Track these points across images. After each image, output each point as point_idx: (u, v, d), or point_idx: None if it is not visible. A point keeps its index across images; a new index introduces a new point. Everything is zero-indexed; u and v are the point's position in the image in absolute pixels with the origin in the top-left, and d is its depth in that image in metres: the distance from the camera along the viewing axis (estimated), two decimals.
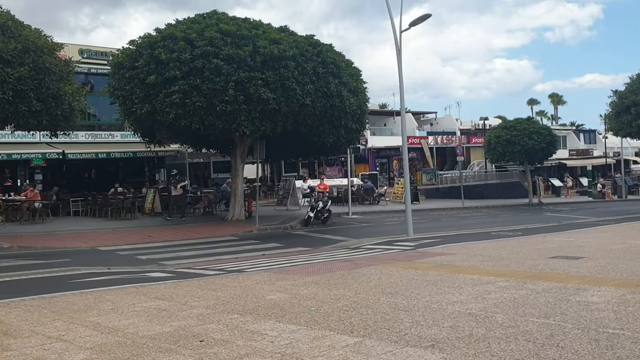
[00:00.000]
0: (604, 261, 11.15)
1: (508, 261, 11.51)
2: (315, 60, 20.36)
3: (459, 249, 13.81)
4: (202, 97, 18.98)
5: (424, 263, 11.52)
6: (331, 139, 22.07)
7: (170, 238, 18.45)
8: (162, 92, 19.37)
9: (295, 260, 13.28)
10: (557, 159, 55.84)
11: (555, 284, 8.62)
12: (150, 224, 22.11)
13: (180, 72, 19.10)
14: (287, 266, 11.88)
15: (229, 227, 21.06)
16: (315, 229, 21.23)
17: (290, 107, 19.87)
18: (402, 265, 11.25)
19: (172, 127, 20.21)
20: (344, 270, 10.73)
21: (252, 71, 19.26)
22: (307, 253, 15.09)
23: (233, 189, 23.48)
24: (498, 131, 38.17)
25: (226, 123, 19.48)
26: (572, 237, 17.00)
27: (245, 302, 7.79)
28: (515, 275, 9.65)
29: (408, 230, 18.22)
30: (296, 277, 9.97)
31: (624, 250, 13.03)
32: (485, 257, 12.29)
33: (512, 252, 13.08)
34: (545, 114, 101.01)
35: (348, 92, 21.39)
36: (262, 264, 12.74)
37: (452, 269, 10.59)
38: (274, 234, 19.87)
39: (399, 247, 15.01)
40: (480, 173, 46.96)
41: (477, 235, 18.47)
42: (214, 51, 19.20)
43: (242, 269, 11.72)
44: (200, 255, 15.00)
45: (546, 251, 13.07)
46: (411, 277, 9.61)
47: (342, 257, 13.35)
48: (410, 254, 13.21)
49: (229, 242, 17.74)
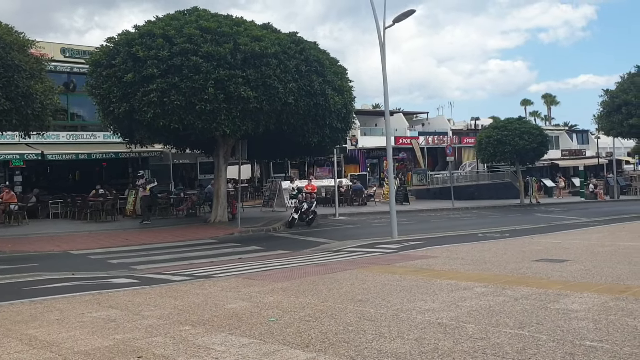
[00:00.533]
0: (589, 264, 10.67)
1: (490, 264, 11.03)
2: (298, 57, 19.84)
3: (442, 252, 13.32)
4: (180, 96, 18.45)
5: (402, 267, 11.03)
6: (315, 139, 21.55)
7: (148, 241, 17.89)
8: (139, 90, 18.83)
9: (272, 264, 12.78)
10: (549, 159, 55.48)
11: (536, 290, 8.13)
12: (130, 226, 21.55)
13: (158, 70, 18.56)
14: (260, 271, 11.36)
15: (211, 230, 20.52)
16: (299, 231, 20.71)
17: (272, 106, 19.35)
18: (380, 269, 10.75)
19: (150, 126, 19.66)
20: (318, 275, 10.22)
21: (233, 69, 18.73)
22: (285, 256, 14.57)
23: (216, 190, 22.94)
24: (489, 131, 37.73)
25: (206, 122, 18.95)
26: (560, 238, 16.54)
27: (203, 312, 7.27)
28: (496, 279, 9.17)
29: (393, 233, 17.72)
30: (265, 283, 9.45)
31: (611, 252, 12.56)
32: (467, 260, 11.80)
33: (495, 254, 12.60)
34: (539, 115, 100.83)
35: (332, 90, 20.88)
36: (236, 268, 12.22)
37: (431, 273, 10.10)
38: (256, 236, 19.34)
39: (381, 250, 14.51)
40: (472, 173, 46.50)
41: (463, 237, 17.99)
42: (192, 48, 18.67)
43: (213, 274, 11.20)
44: (175, 259, 14.47)
45: (531, 254, 12.59)
46: (386, 283, 9.10)
47: (320, 261, 12.84)
48: (391, 258, 12.71)
49: (207, 245, 17.20)
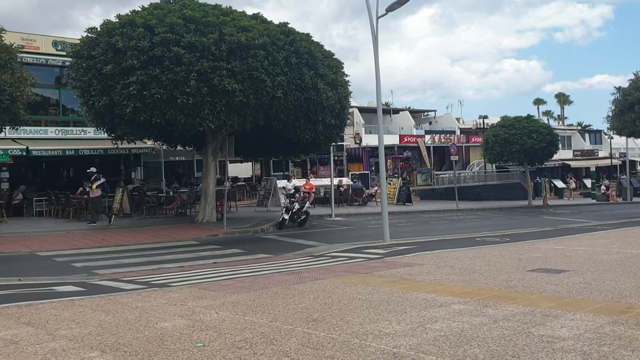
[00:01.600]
0: (589, 276, 9.52)
1: (479, 275, 9.89)
2: (287, 49, 18.75)
3: (431, 259, 12.20)
4: (161, 89, 17.42)
5: (381, 276, 9.92)
6: (308, 136, 20.46)
7: (125, 242, 16.90)
8: (119, 83, 17.82)
9: (242, 270, 11.72)
10: (560, 160, 54.09)
11: (522, 309, 7.01)
12: (112, 226, 20.53)
13: (138, 62, 17.54)
14: (225, 279, 10.30)
15: (195, 230, 19.48)
16: (289, 233, 19.64)
17: (260, 100, 18.27)
18: (354, 279, 9.65)
19: (132, 121, 18.66)
20: (283, 285, 9.14)
21: (217, 60, 17.67)
22: (263, 261, 13.51)
23: (204, 188, 21.90)
24: (496, 130, 36.43)
25: (189, 117, 17.91)
26: (563, 244, 15.35)
27: (126, 333, 6.21)
28: (479, 294, 8.04)
29: (384, 236, 16.61)
30: (220, 294, 8.38)
31: (617, 261, 11.38)
32: (455, 269, 10.68)
33: (488, 262, 11.46)
34: (552, 114, 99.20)
35: (325, 84, 19.76)
36: (201, 275, 11.17)
37: (410, 284, 8.99)
38: (241, 238, 18.28)
39: (366, 256, 13.41)
40: (479, 174, 45.16)
41: (459, 241, 16.84)
42: (174, 38, 17.64)
43: (172, 282, 10.17)
44: (145, 263, 13.44)
45: (528, 262, 11.45)
46: (354, 297, 8.01)
47: (296, 268, 11.77)
48: (373, 265, 11.60)
49: (186, 248, 16.16)
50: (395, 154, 41.65)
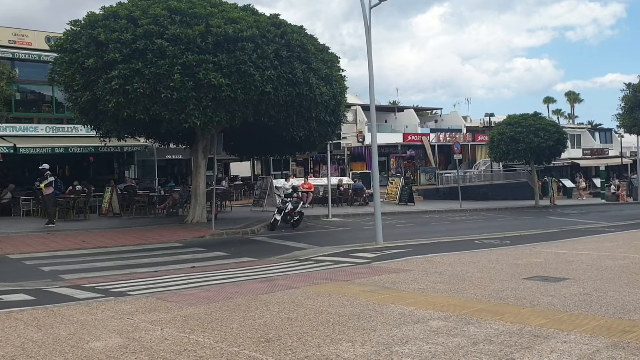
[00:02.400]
0: (591, 285, 8.61)
1: (469, 283, 9.01)
2: (278, 42, 17.87)
3: (421, 264, 11.33)
4: (144, 83, 16.62)
5: (361, 284, 9.06)
6: (301, 133, 19.59)
7: (105, 244, 16.09)
8: (102, 77, 17.04)
9: (216, 277, 10.90)
10: (569, 159, 52.93)
11: (509, 326, 6.13)
12: (96, 226, 19.77)
13: (121, 55, 16.75)
14: (191, 287, 9.48)
15: (182, 231, 18.66)
16: (280, 234, 18.78)
17: (248, 95, 17.41)
18: (331, 288, 8.79)
19: (115, 117, 17.89)
20: (251, 295, 8.29)
21: (203, 53, 16.85)
22: (243, 266, 12.67)
23: (194, 187, 21.07)
24: (502, 127, 35.38)
25: (173, 112, 17.10)
26: (567, 247, 14.41)
27: (45, 355, 5.38)
28: (464, 307, 7.17)
29: (377, 238, 15.75)
30: (176, 307, 7.55)
31: (622, 268, 10.45)
32: (445, 276, 9.79)
33: (482, 268, 10.57)
34: (562, 113, 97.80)
35: (318, 79, 18.86)
36: (170, 282, 10.36)
37: (390, 295, 8.12)
38: (229, 240, 17.44)
39: (353, 260, 12.55)
40: (485, 173, 44.08)
41: (457, 243, 15.94)
42: (158, 30, 16.83)
43: (133, 290, 9.35)
44: (119, 267, 12.63)
45: (525, 268, 10.55)
46: (323, 310, 7.15)
47: (273, 274, 10.93)
48: (357, 271, 10.73)
49: (168, 250, 15.33)
50: (399, 152, 40.69)
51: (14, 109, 27.30)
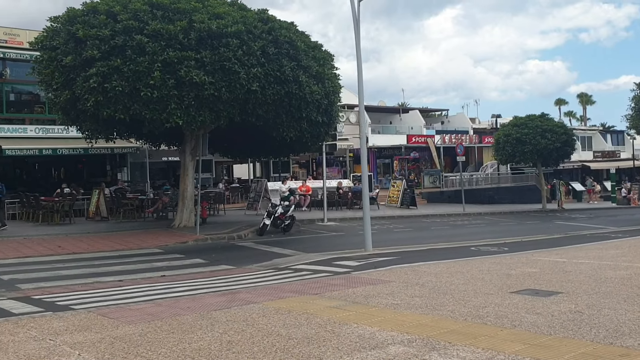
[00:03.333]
0: (585, 301, 7.71)
1: (450, 297, 8.12)
2: (265, 38, 17.04)
3: (405, 274, 10.45)
4: (123, 81, 15.85)
5: (331, 299, 8.20)
6: (292, 134, 18.74)
7: (81, 249, 15.34)
8: (80, 75, 16.30)
9: (179, 288, 10.10)
10: (579, 161, 51.74)
11: (479, 354, 5.28)
12: (79, 230, 19.00)
13: (99, 52, 16.00)
14: (145, 300, 8.67)
15: (166, 236, 17.85)
16: (268, 240, 17.92)
17: (233, 94, 16.60)
18: (297, 302, 7.94)
19: (95, 117, 17.14)
20: (202, 311, 7.46)
21: (185, 50, 16.07)
22: (217, 275, 11.85)
23: (181, 190, 20.26)
24: (507, 129, 34.32)
25: (155, 112, 16.31)
26: (567, 255, 13.47)
27: None
28: (435, 328, 6.30)
29: (366, 244, 14.89)
30: (112, 325, 6.75)
31: (623, 280, 9.52)
32: (426, 288, 8.91)
33: (469, 280, 9.67)
34: (574, 115, 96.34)
35: (309, 77, 18.00)
36: (126, 293, 9.59)
37: (357, 312, 7.26)
38: (212, 246, 16.61)
39: (333, 269, 11.70)
40: (492, 175, 42.99)
41: (451, 251, 15.05)
42: (138, 26, 16.07)
43: (79, 303, 8.61)
44: (84, 275, 11.85)
45: (517, 280, 9.64)
46: (272, 331, 6.30)
47: (241, 286, 10.15)
48: (333, 282, 9.88)
49: (144, 257, 14.53)
50: (403, 154, 39.74)
51: (5, 110, 26.70)
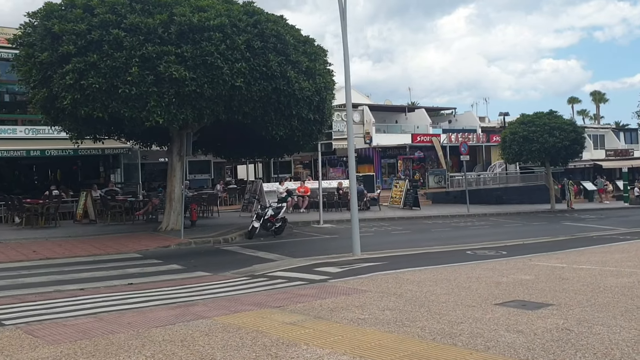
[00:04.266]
0: (576, 315, 6.83)
1: (426, 311, 7.26)
2: (250, 32, 16.21)
3: (384, 283, 9.60)
4: (100, 78, 15.09)
5: (292, 312, 7.38)
6: (281, 132, 17.88)
7: (56, 255, 14.58)
8: (57, 72, 15.57)
9: (138, 298, 9.32)
10: (591, 160, 50.47)
11: None
12: (62, 234, 18.27)
13: (75, 47, 15.25)
14: (89, 314, 7.90)
15: (148, 240, 17.06)
16: (256, 243, 17.10)
17: (216, 90, 15.79)
18: (251, 318, 7.12)
19: (74, 115, 16.40)
20: (143, 328, 6.67)
21: (165, 44, 15.29)
22: (186, 283, 11.03)
23: (168, 192, 19.47)
24: (514, 127, 33.25)
25: (134, 110, 15.53)
26: (568, 260, 12.55)
27: None
28: (395, 350, 5.48)
29: (354, 248, 14.01)
30: (31, 344, 5.99)
31: (624, 288, 8.60)
32: (403, 299, 8.06)
33: (453, 289, 8.79)
34: (587, 113, 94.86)
35: (298, 73, 17.15)
36: (78, 304, 8.84)
37: (314, 329, 6.43)
38: (195, 251, 15.79)
39: (311, 277, 10.87)
40: (500, 175, 41.88)
41: (445, 255, 14.16)
42: (115, 20, 15.30)
43: (17, 317, 7.85)
44: (46, 284, 11.08)
45: (506, 289, 8.76)
46: (207, 355, 5.49)
47: (201, 297, 9.35)
48: (303, 292, 9.03)
49: (120, 262, 13.74)
50: (407, 154, 38.75)
51: None
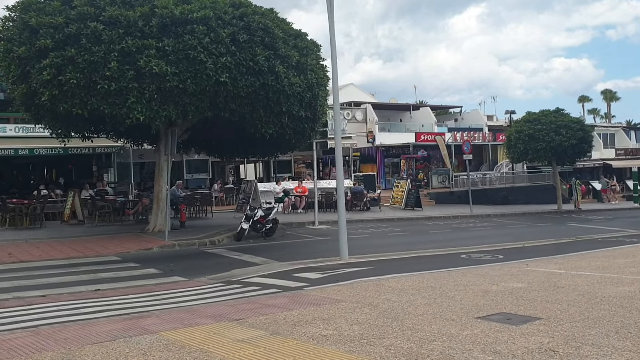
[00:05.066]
0: (565, 331, 6.09)
1: (397, 325, 6.54)
2: (236, 24, 15.50)
3: (362, 291, 8.88)
4: (78, 73, 14.44)
5: (249, 327, 6.69)
6: (271, 130, 17.14)
7: (33, 257, 13.94)
8: (35, 67, 14.95)
9: (95, 307, 8.66)
10: (601, 159, 49.43)
11: None
12: (44, 235, 17.62)
13: (53, 41, 14.62)
14: (36, 325, 7.25)
15: (131, 242, 16.39)
16: (243, 246, 16.39)
17: (200, 86, 15.09)
18: (202, 332, 6.45)
19: (53, 112, 15.77)
20: (76, 345, 6.02)
21: (145, 38, 14.61)
22: (157, 290, 10.35)
23: (155, 192, 18.80)
24: (520, 125, 32.34)
25: (114, 106, 14.86)
26: (568, 265, 11.78)
27: None
28: None
29: (341, 252, 13.28)
30: None
31: (624, 299, 7.85)
32: (377, 311, 7.35)
33: (435, 299, 8.06)
34: (598, 112, 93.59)
35: (288, 68, 16.42)
36: (32, 314, 8.13)
37: (265, 348, 5.74)
38: (178, 253, 15.10)
39: (287, 284, 10.17)
40: (507, 175, 40.96)
41: (437, 259, 13.43)
42: (94, 12, 14.65)
43: None
44: (8, 290, 10.38)
45: (494, 298, 8.04)
46: None
47: (161, 306, 8.65)
48: (271, 302, 8.33)
49: (96, 266, 13.06)
50: (410, 153, 37.90)
51: None
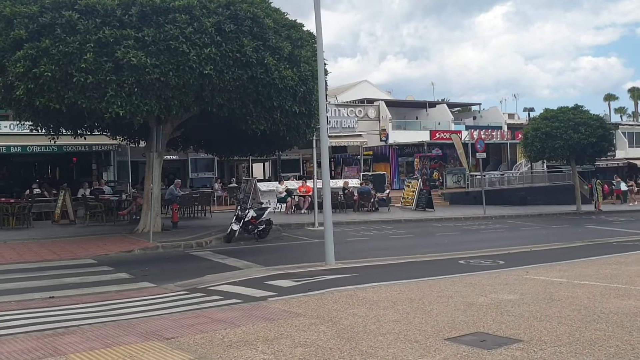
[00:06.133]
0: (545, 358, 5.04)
1: (352, 346, 5.60)
2: (221, 13, 14.60)
3: (331, 302, 7.93)
4: (53, 65, 13.68)
5: (176, 349, 5.81)
6: (262, 126, 16.22)
7: (5, 260, 13.19)
8: (10, 59, 14.22)
9: (33, 317, 7.83)
10: (625, 159, 47.77)
11: None
12: (27, 236, 16.90)
13: (27, 32, 13.88)
14: None
15: (114, 244, 15.58)
16: (231, 248, 15.47)
17: (183, 79, 14.23)
18: (120, 355, 5.51)
19: (31, 107, 15.04)
20: None
21: (124, 28, 13.79)
22: (114, 298, 9.47)
23: (145, 191, 18.01)
24: (537, 123, 30.97)
25: (92, 100, 14.07)
26: (572, 272, 10.67)
27: None
28: None
29: (327, 256, 12.29)
30: None
31: (626, 316, 6.79)
32: (335, 328, 6.39)
33: (408, 314, 7.07)
34: (625, 111, 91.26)
35: (279, 60, 15.48)
36: None
37: None
38: (159, 256, 14.25)
39: (253, 293, 9.24)
40: (525, 174, 39.55)
41: (432, 265, 12.42)
42: (69, 0, 13.87)
43: None
44: None
45: (475, 313, 7.03)
46: None
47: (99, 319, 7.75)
48: (221, 315, 7.43)
49: (67, 269, 12.26)
50: (425, 152, 36.70)
51: None
